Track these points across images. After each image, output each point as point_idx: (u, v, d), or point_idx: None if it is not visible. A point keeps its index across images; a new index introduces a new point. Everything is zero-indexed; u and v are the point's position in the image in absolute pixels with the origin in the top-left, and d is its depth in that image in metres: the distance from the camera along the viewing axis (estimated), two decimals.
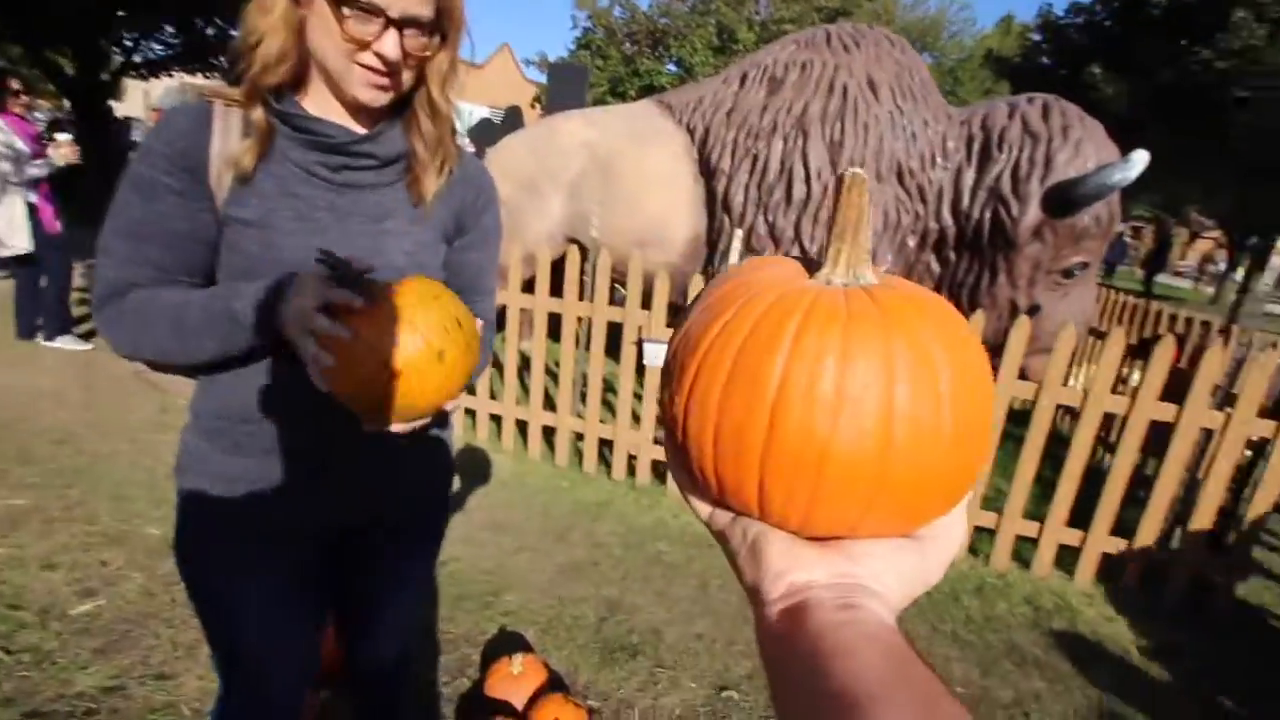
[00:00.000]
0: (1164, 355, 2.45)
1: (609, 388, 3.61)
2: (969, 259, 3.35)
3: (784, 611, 0.32)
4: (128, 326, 0.84)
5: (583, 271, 3.45)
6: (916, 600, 0.35)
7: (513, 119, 7.30)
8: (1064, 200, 3.01)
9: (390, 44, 0.80)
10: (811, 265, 0.39)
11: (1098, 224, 3.12)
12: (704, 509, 0.38)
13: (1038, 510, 2.76)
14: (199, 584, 0.97)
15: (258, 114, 0.82)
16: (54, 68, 9.91)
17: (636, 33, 11.69)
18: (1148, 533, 2.61)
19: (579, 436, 3.31)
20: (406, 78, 0.85)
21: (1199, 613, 2.60)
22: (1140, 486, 2.99)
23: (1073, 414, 2.93)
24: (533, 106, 12.32)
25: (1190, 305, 9.94)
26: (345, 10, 0.78)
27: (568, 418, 3.26)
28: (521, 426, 3.44)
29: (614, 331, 3.12)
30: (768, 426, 0.32)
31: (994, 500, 2.89)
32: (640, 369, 3.08)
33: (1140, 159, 2.88)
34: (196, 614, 0.99)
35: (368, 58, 0.81)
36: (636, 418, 3.20)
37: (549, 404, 3.46)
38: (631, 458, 3.23)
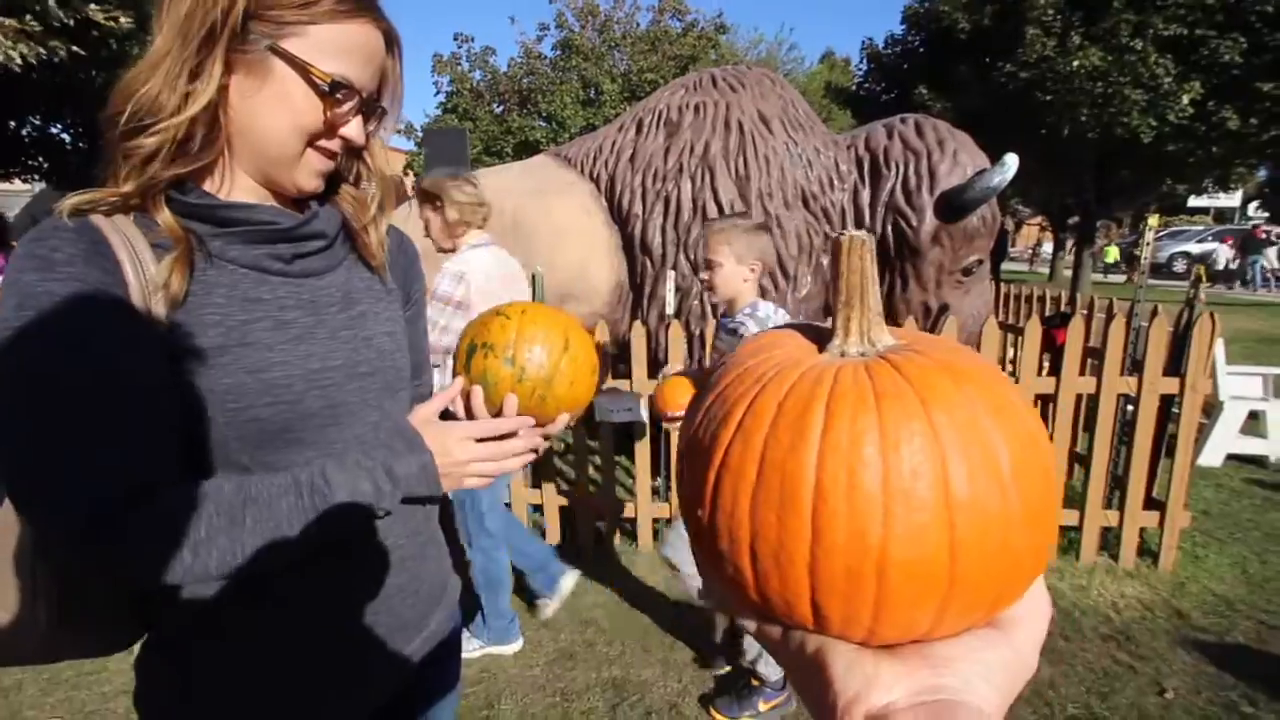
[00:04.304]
0: (1035, 335, 2.74)
1: (560, 452, 3.44)
2: (880, 270, 3.54)
3: None
4: (175, 535, 0.59)
5: None
6: None
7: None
8: (954, 206, 3.26)
9: (357, 127, 0.69)
10: (820, 335, 0.35)
11: (984, 224, 3.39)
12: (750, 623, 0.33)
13: None
14: None
15: (166, 217, 0.63)
16: None
17: (504, 92, 11.80)
18: (1094, 500, 2.79)
19: (537, 509, 3.11)
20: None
21: (1155, 565, 2.79)
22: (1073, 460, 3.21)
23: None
24: (405, 174, 12.02)
25: (1034, 284, 11.19)
26: (338, 92, 0.65)
27: (522, 489, 3.06)
28: None
29: None
30: (810, 538, 0.28)
31: None
32: (593, 427, 2.95)
33: (1012, 161, 3.18)
34: None
35: (327, 140, 0.68)
36: (594, 482, 3.05)
37: None
38: (597, 520, 3.07)
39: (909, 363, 0.30)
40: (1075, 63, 9.98)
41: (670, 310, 3.29)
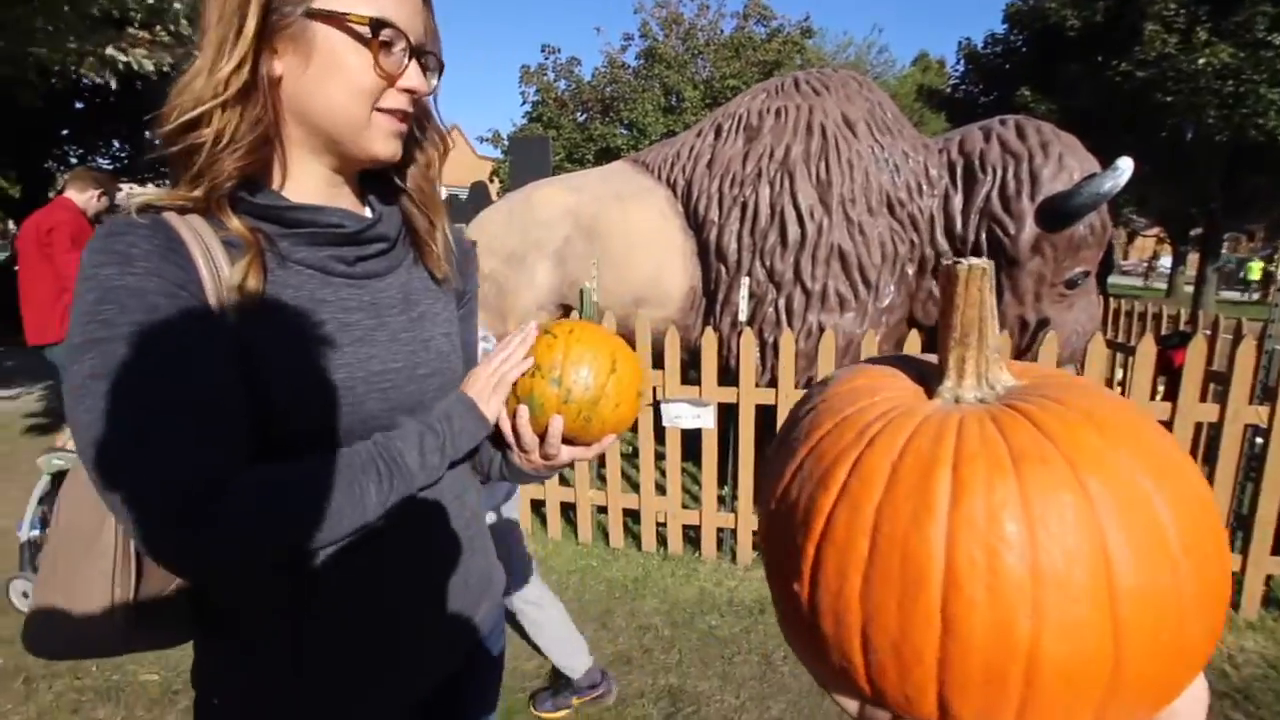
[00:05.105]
0: (1149, 356, 2.50)
1: (628, 455, 3.45)
2: None
3: None
4: (268, 513, 0.60)
5: None
6: None
7: (479, 194, 7.31)
8: (1060, 213, 3.04)
9: (416, 73, 0.67)
10: (923, 372, 0.31)
11: (1093, 233, 3.14)
12: (851, 704, 0.29)
13: None
14: None
15: (235, 222, 0.63)
16: None
17: (587, 101, 12.05)
18: None
19: (601, 510, 3.12)
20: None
21: None
22: None
23: None
24: (491, 181, 12.47)
25: (1149, 300, 10.27)
26: (383, 34, 0.63)
27: (588, 491, 3.08)
28: (537, 505, 3.24)
29: None
30: (940, 629, 0.23)
31: None
32: (660, 431, 2.94)
33: (1126, 165, 2.93)
34: None
35: (391, 98, 0.66)
36: (660, 487, 3.03)
37: (565, 479, 3.28)
38: (660, 525, 3.05)
39: (1045, 413, 0.25)
40: (1201, 60, 9.14)
41: (743, 317, 3.23)
